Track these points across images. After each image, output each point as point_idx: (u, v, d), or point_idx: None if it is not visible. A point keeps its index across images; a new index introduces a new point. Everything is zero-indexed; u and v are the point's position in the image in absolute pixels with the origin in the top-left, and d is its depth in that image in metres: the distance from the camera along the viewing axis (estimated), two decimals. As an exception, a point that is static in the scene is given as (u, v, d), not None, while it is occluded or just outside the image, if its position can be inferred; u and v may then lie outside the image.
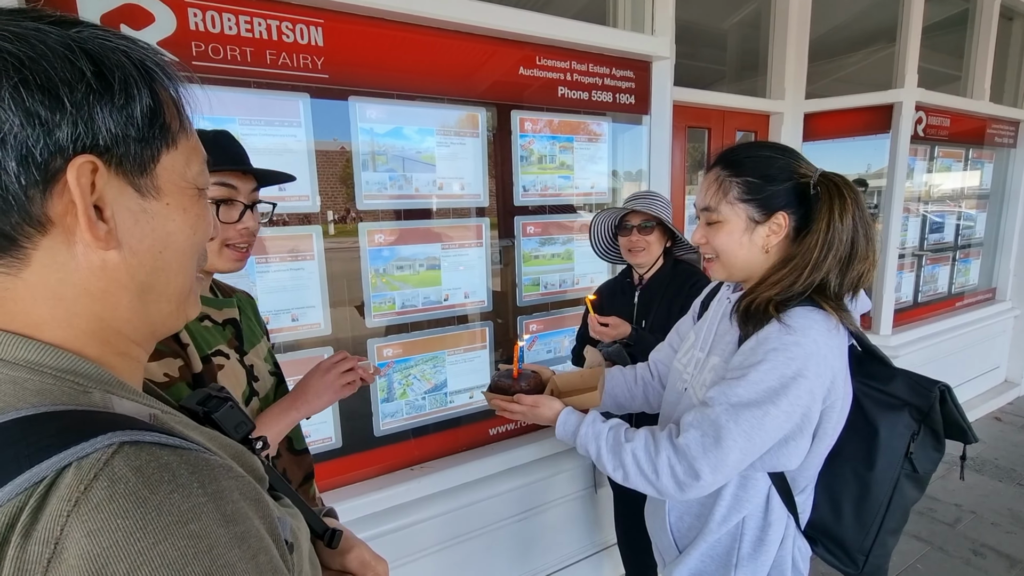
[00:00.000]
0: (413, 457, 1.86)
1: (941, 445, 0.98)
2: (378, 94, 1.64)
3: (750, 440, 0.90)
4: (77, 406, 0.38)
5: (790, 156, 1.00)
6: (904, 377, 0.99)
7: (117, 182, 0.40)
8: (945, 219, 3.78)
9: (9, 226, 0.37)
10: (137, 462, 0.34)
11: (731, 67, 3.84)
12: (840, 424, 0.96)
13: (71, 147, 0.37)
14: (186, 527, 0.33)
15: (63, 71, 0.37)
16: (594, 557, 2.25)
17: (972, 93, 3.58)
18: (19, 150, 0.36)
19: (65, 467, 0.33)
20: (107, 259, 0.40)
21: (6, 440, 0.34)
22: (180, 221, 0.45)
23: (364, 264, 1.72)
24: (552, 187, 2.06)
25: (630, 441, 0.99)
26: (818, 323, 0.91)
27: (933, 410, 0.94)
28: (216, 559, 0.33)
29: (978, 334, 3.88)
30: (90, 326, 0.42)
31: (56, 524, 0.31)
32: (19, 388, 0.37)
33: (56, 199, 0.38)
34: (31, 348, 0.39)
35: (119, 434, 0.35)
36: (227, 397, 0.56)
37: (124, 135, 0.40)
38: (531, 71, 1.87)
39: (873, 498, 0.97)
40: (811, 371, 0.88)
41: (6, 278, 0.39)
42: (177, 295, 0.47)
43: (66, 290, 0.40)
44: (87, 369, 0.40)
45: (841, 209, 0.93)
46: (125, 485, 0.32)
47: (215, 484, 0.36)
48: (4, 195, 0.36)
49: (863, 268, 0.95)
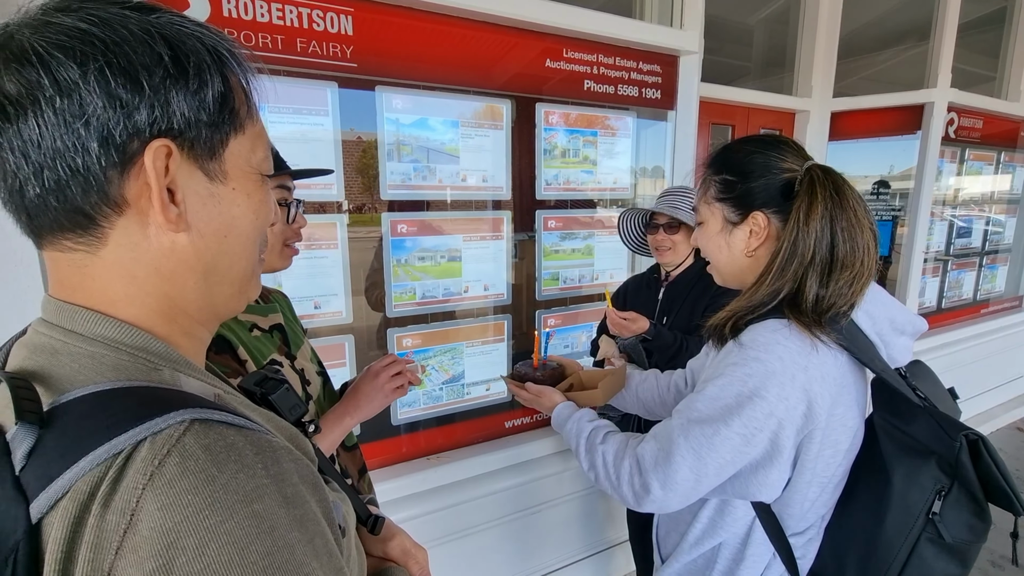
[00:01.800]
0: (429, 447, 1.88)
1: (983, 512, 0.78)
2: (405, 84, 1.64)
3: (699, 459, 0.81)
4: (149, 382, 0.39)
5: (775, 150, 0.89)
6: (927, 417, 0.80)
7: (188, 166, 0.41)
8: (973, 224, 3.69)
9: (89, 205, 0.39)
10: (206, 440, 0.35)
11: (756, 63, 3.78)
12: (828, 459, 0.84)
13: (148, 130, 0.39)
14: (250, 507, 0.34)
15: (143, 56, 0.38)
16: (604, 553, 2.25)
17: (1007, 94, 3.48)
18: (100, 131, 0.37)
19: (140, 441, 0.34)
20: (176, 241, 0.42)
21: (87, 412, 0.36)
22: (245, 206, 0.46)
23: (386, 253, 1.72)
24: (575, 181, 2.05)
25: (604, 443, 0.96)
26: (787, 340, 0.80)
27: (961, 464, 0.76)
28: (277, 540, 0.34)
29: (1002, 342, 3.79)
30: (160, 305, 0.43)
31: (132, 496, 0.32)
32: (97, 363, 0.39)
33: (132, 181, 0.39)
34: (108, 325, 0.41)
35: (189, 411, 0.36)
36: (283, 379, 0.58)
37: (196, 119, 0.41)
38: (558, 63, 1.85)
39: (880, 559, 0.81)
40: (771, 392, 0.78)
41: (86, 256, 0.40)
42: (240, 278, 0.48)
43: (139, 269, 0.41)
44: (157, 347, 0.42)
45: (808, 208, 0.82)
46: (195, 462, 0.34)
47: (277, 466, 0.37)
48: (86, 175, 0.38)
49: (848, 279, 0.82)
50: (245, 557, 0.32)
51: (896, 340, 0.91)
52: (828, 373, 0.81)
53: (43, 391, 0.37)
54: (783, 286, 0.84)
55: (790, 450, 0.82)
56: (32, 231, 0.41)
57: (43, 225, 0.40)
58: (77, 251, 0.40)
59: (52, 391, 0.37)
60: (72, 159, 0.37)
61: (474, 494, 1.87)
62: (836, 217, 0.82)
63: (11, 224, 0.41)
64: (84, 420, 0.35)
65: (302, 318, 1.62)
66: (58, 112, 0.36)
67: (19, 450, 0.34)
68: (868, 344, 0.87)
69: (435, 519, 1.81)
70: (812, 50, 2.93)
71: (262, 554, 0.33)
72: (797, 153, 0.90)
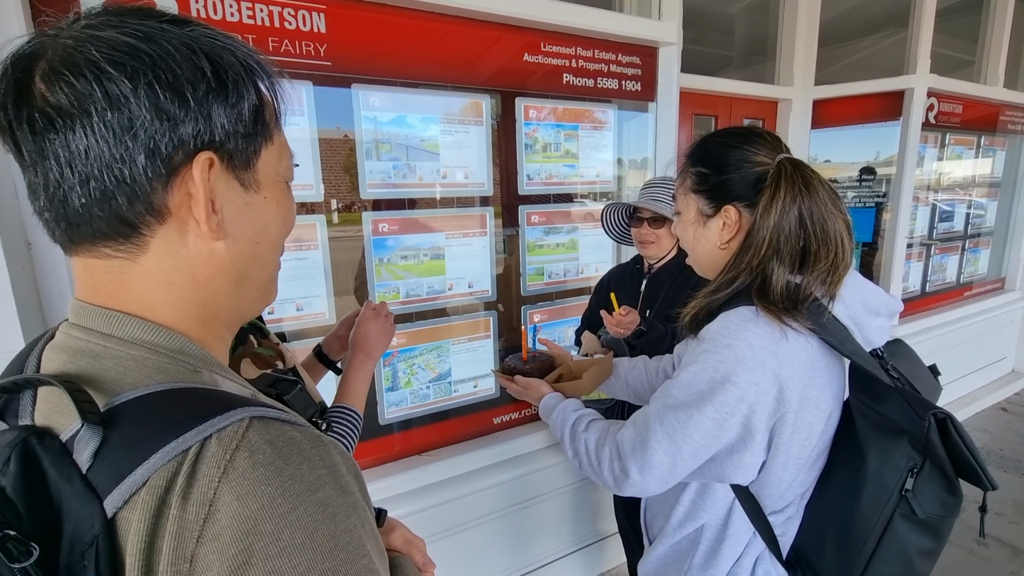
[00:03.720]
0: (418, 445, 1.88)
1: (954, 487, 0.80)
2: (381, 82, 1.62)
3: (674, 443, 0.83)
4: (194, 384, 0.41)
5: (748, 144, 0.90)
6: (898, 397, 0.82)
7: (226, 176, 0.43)
8: (955, 208, 3.74)
9: (133, 215, 0.40)
10: (268, 435, 0.37)
11: (739, 53, 3.78)
12: (803, 441, 0.86)
13: (192, 142, 0.40)
14: (315, 495, 0.37)
15: (187, 70, 0.39)
16: (596, 545, 2.26)
17: (986, 79, 3.51)
18: (147, 144, 0.38)
19: (207, 438, 0.36)
20: (215, 248, 0.44)
21: (148, 412, 0.38)
22: (274, 213, 0.48)
23: (368, 253, 1.71)
24: (557, 176, 2.05)
25: (587, 431, 0.98)
26: (756, 326, 0.82)
27: (931, 442, 0.77)
28: (339, 524, 0.37)
29: (986, 324, 3.85)
30: (195, 310, 0.44)
31: (209, 488, 0.34)
32: (141, 366, 0.40)
33: (175, 191, 0.40)
34: (148, 330, 0.42)
35: (247, 410, 0.38)
36: (295, 380, 0.60)
37: (234, 131, 0.42)
38: (536, 57, 1.84)
39: (856, 534, 0.83)
40: (742, 377, 0.79)
41: (124, 263, 0.42)
42: (266, 283, 0.51)
43: (177, 276, 0.43)
44: (194, 350, 0.43)
45: (770, 200, 0.83)
46: (263, 455, 0.36)
47: (330, 458, 0.40)
48: (132, 186, 0.39)
49: (824, 269, 0.83)
50: (315, 540, 0.35)
51: (871, 322, 0.92)
52: (799, 358, 0.83)
53: (94, 394, 0.38)
54: (738, 275, 0.87)
55: (763, 434, 0.84)
56: (69, 239, 0.41)
57: (83, 234, 0.40)
58: (116, 258, 0.41)
59: (103, 393, 0.39)
60: (119, 170, 0.38)
61: (465, 491, 1.88)
62: (804, 209, 0.83)
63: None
64: (146, 420, 0.37)
65: (284, 320, 1.62)
66: (108, 125, 0.37)
67: (85, 450, 0.35)
68: (840, 328, 0.88)
69: (427, 516, 1.81)
70: (793, 38, 2.94)
71: (328, 536, 0.36)
72: (772, 147, 0.90)
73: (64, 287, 1.23)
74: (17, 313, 1.11)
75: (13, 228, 1.15)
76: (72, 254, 0.43)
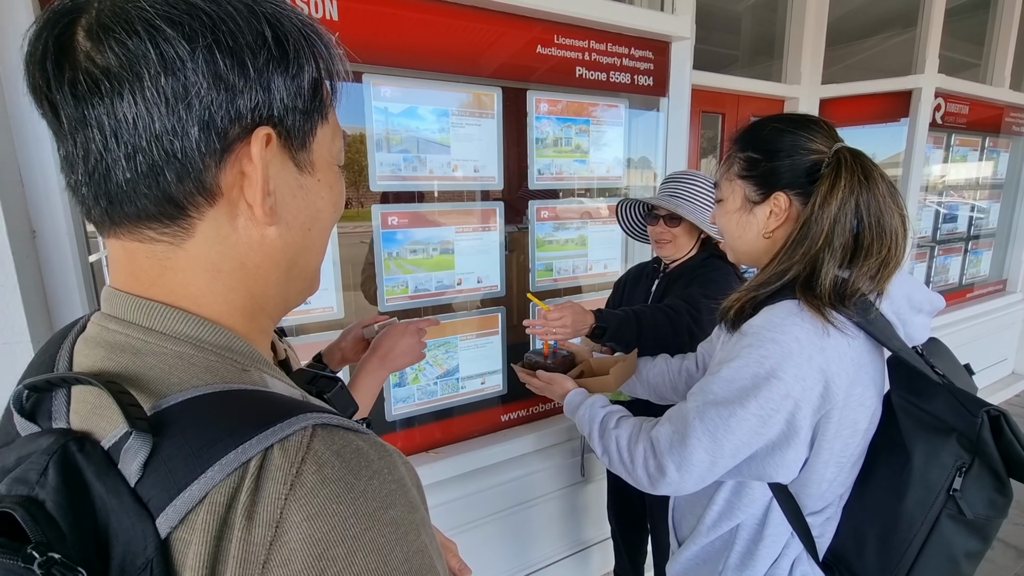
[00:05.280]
0: (426, 442, 1.85)
1: (1004, 486, 0.78)
2: (393, 72, 1.59)
3: (715, 441, 0.81)
4: (244, 385, 0.37)
5: (804, 130, 0.87)
6: (947, 394, 0.80)
7: (281, 156, 0.39)
8: (958, 209, 3.73)
9: (182, 194, 0.36)
10: (335, 446, 0.34)
11: (745, 51, 3.77)
12: (846, 439, 0.84)
13: (249, 116, 0.36)
14: (387, 513, 0.34)
15: (248, 35, 0.35)
16: (597, 546, 2.24)
17: (992, 80, 3.51)
18: (202, 115, 0.34)
19: (268, 448, 0.32)
20: (266, 235, 0.40)
21: (200, 418, 0.34)
22: (328, 198, 0.44)
23: (377, 246, 1.69)
24: (567, 171, 2.02)
25: (617, 428, 0.96)
26: (804, 321, 0.80)
27: (982, 440, 0.75)
28: (411, 544, 0.34)
29: (987, 326, 3.85)
30: (243, 302, 0.41)
31: (276, 507, 0.31)
32: (187, 364, 0.37)
33: (228, 169, 0.37)
34: (193, 324, 0.38)
35: (309, 416, 0.35)
36: (335, 377, 0.56)
37: (293, 107, 0.39)
38: (549, 50, 1.81)
39: (900, 537, 0.81)
40: (788, 373, 0.77)
41: (169, 248, 0.38)
42: (313, 272, 0.47)
43: (225, 263, 0.39)
44: (241, 347, 0.40)
45: (829, 191, 0.80)
46: (332, 470, 0.33)
47: (397, 470, 0.36)
48: (183, 161, 0.35)
49: (874, 264, 0.81)
50: (389, 564, 0.33)
51: (913, 318, 0.90)
52: (845, 353, 0.80)
53: (137, 395, 0.34)
54: (790, 267, 0.84)
55: (807, 431, 0.81)
56: (109, 218, 0.37)
57: (126, 213, 0.36)
58: (160, 242, 0.37)
59: (148, 395, 0.35)
60: (170, 143, 0.34)
61: (470, 489, 1.85)
62: (862, 201, 0.81)
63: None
64: (200, 426, 0.33)
65: (291, 315, 1.59)
66: (160, 91, 0.33)
67: (134, 461, 0.32)
68: (886, 323, 0.86)
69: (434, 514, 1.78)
70: (801, 36, 2.92)
71: (402, 559, 0.33)
72: (828, 135, 0.88)
73: (69, 277, 1.19)
74: (23, 304, 1.08)
75: (18, 215, 1.11)
76: (110, 236, 0.39)
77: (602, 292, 2.18)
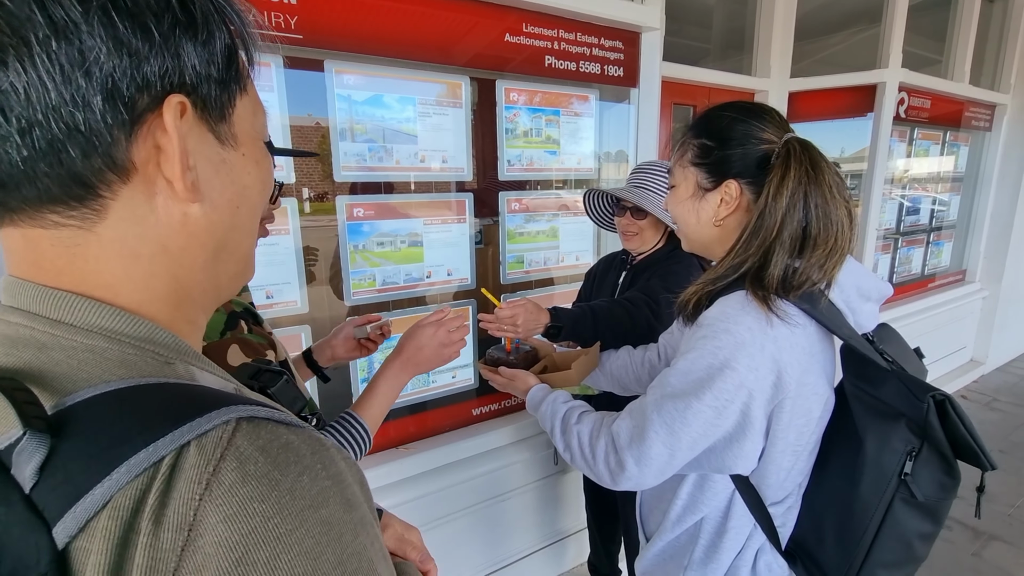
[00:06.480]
0: (398, 437, 1.82)
1: (952, 469, 0.79)
2: (355, 59, 1.54)
3: (672, 434, 0.80)
4: (165, 378, 0.34)
5: (756, 119, 0.87)
6: (895, 380, 0.81)
7: (199, 128, 0.37)
8: (921, 202, 3.84)
9: (90, 171, 0.33)
10: (260, 441, 0.31)
11: (716, 45, 3.79)
12: (800, 427, 0.84)
13: (158, 83, 0.33)
14: (318, 512, 0.31)
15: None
16: (572, 538, 2.25)
17: (952, 75, 3.60)
18: (105, 83, 0.31)
19: (184, 445, 0.30)
20: (189, 213, 0.37)
21: (108, 415, 0.31)
22: (255, 174, 0.41)
23: (342, 239, 1.64)
24: (538, 162, 2.00)
25: (579, 423, 0.95)
26: (756, 311, 0.80)
27: (930, 425, 0.76)
28: (345, 546, 0.32)
29: (948, 315, 3.98)
30: (165, 289, 0.38)
31: (188, 508, 0.28)
32: (99, 358, 0.33)
33: (140, 143, 0.34)
34: (107, 314, 0.35)
35: (232, 409, 0.32)
36: (280, 371, 0.53)
37: (207, 74, 0.36)
38: (518, 38, 1.79)
39: (857, 521, 0.82)
40: (741, 363, 0.77)
41: (78, 232, 0.34)
42: (246, 255, 0.44)
43: (144, 247, 0.36)
44: (164, 338, 0.37)
45: (780, 182, 0.80)
46: (255, 465, 0.30)
47: (334, 466, 0.34)
48: (88, 135, 0.32)
49: (821, 256, 0.81)
50: (318, 567, 0.30)
51: (862, 306, 0.91)
52: (797, 343, 0.81)
53: (39, 392, 0.31)
54: (746, 259, 0.84)
55: (762, 420, 0.82)
56: (2, 204, 0.33)
57: (24, 197, 0.33)
58: (67, 227, 0.34)
59: (51, 393, 0.31)
60: (70, 115, 0.31)
61: (442, 484, 1.83)
62: (810, 193, 0.81)
63: None
64: (106, 424, 0.30)
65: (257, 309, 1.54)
66: (53, 57, 0.30)
67: (28, 465, 0.28)
68: (836, 312, 0.87)
69: (403, 511, 1.75)
70: (771, 29, 2.95)
71: (334, 564, 0.31)
72: (779, 125, 0.88)
73: None
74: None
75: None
76: (5, 224, 0.35)
77: (574, 284, 2.17)
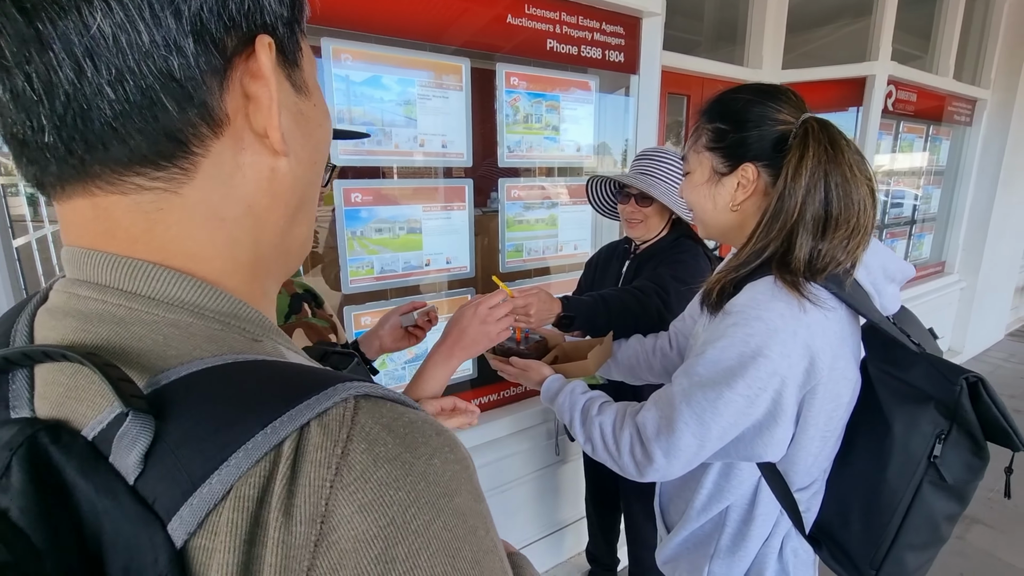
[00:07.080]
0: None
1: (982, 451, 0.78)
2: (355, 38, 1.49)
3: (702, 424, 0.79)
4: (258, 356, 0.30)
5: (772, 100, 0.85)
6: (925, 363, 0.79)
7: (278, 75, 0.32)
8: (904, 194, 3.91)
9: (186, 123, 0.29)
10: (384, 419, 0.28)
11: (707, 36, 3.79)
12: (830, 413, 0.83)
13: (244, 23, 0.30)
14: (452, 501, 0.27)
15: None
16: (567, 529, 2.24)
17: (937, 70, 3.66)
18: (195, 24, 0.27)
19: (304, 425, 0.26)
20: (277, 168, 0.33)
21: (211, 395, 0.27)
22: (326, 127, 0.37)
23: (340, 225, 1.59)
24: (538, 148, 1.97)
25: (600, 415, 0.93)
26: (787, 296, 0.78)
27: (961, 407, 0.75)
28: (480, 542, 0.28)
29: (928, 306, 4.06)
30: (247, 256, 0.34)
31: (319, 497, 0.25)
32: (185, 334, 0.30)
33: (230, 91, 0.30)
34: (189, 286, 0.31)
35: (348, 386, 0.28)
36: (350, 352, 0.49)
37: (280, 14, 0.32)
38: (519, 20, 1.74)
39: (884, 505, 0.81)
40: (774, 350, 0.76)
41: (162, 196, 0.30)
42: (312, 219, 0.39)
43: (229, 209, 0.32)
44: (249, 313, 0.33)
45: (798, 163, 0.78)
46: (384, 447, 0.26)
47: (460, 449, 0.30)
48: (183, 84, 0.28)
49: (843, 236, 0.79)
50: (457, 566, 0.26)
51: (887, 288, 0.91)
52: (829, 327, 0.80)
53: (127, 371, 0.27)
54: (768, 244, 0.82)
55: (793, 408, 0.80)
56: (76, 172, 0.29)
57: (112, 157, 0.28)
58: (151, 190, 0.30)
59: (139, 371, 0.27)
60: (164, 60, 0.27)
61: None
62: (830, 172, 0.79)
63: None
64: (213, 404, 0.26)
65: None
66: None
67: (132, 451, 0.25)
68: (863, 294, 0.85)
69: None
70: (763, 20, 2.95)
71: (471, 562, 0.27)
72: (796, 105, 0.86)
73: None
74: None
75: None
76: (76, 195, 0.30)
77: (572, 273, 2.15)
